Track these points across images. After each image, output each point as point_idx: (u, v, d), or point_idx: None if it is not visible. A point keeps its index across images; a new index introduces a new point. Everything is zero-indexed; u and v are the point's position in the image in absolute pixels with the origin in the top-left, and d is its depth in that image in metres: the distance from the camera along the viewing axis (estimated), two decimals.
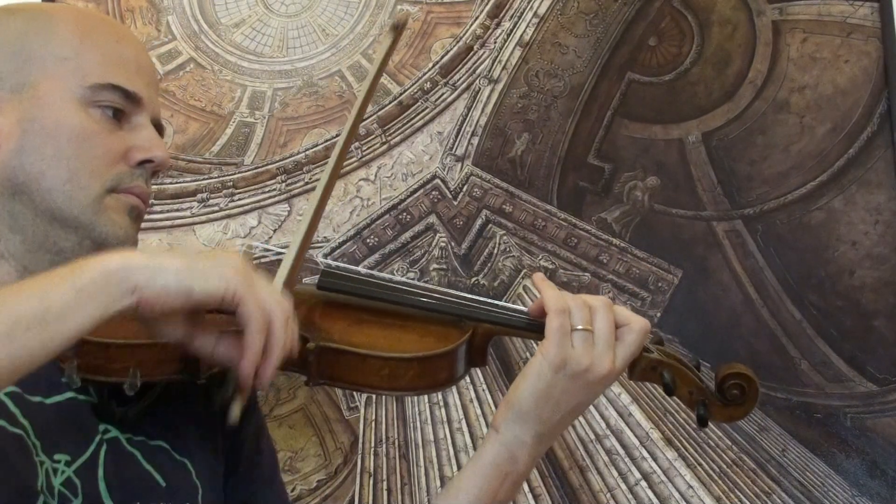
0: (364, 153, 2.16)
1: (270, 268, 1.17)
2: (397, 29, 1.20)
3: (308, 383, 1.09)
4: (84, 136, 1.06)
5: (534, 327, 1.14)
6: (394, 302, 1.15)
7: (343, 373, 1.08)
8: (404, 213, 2.12)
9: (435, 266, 2.09)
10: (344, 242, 2.11)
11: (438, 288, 1.21)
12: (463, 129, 2.14)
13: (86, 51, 1.08)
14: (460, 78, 2.17)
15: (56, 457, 0.98)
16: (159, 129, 1.13)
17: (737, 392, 1.13)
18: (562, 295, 1.12)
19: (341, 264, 1.21)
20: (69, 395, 1.03)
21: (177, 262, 0.87)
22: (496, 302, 1.17)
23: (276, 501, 1.22)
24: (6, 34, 1.09)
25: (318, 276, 1.16)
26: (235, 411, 0.94)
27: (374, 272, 1.23)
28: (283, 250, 1.11)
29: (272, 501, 1.20)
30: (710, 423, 1.15)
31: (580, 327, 1.10)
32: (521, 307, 1.17)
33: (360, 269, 1.22)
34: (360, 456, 2.01)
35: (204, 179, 2.17)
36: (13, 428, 0.96)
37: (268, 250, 1.28)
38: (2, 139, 1.05)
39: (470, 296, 1.18)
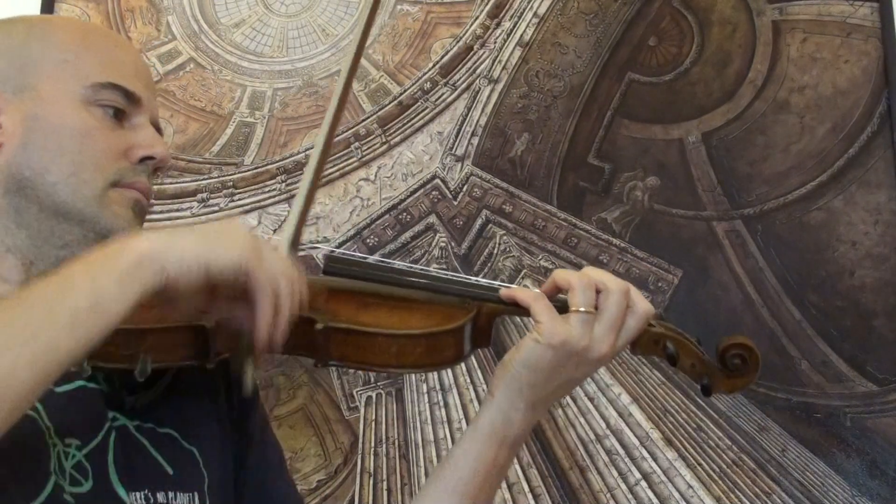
0: (364, 153, 2.16)
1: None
2: None
3: (316, 364, 1.10)
4: (87, 133, 1.09)
5: None
6: (398, 284, 1.16)
7: (352, 352, 1.09)
8: (404, 213, 2.12)
9: (435, 266, 2.09)
10: (344, 242, 2.11)
11: (441, 271, 1.23)
12: (463, 129, 2.14)
13: (85, 53, 1.12)
14: (460, 78, 2.17)
15: (67, 441, 1.00)
16: (157, 130, 1.16)
17: (738, 361, 1.14)
18: (567, 273, 1.13)
19: (344, 251, 1.23)
20: (79, 383, 1.04)
21: (193, 240, 0.92)
22: (498, 283, 1.18)
23: (287, 490, 1.23)
24: (7, 40, 1.13)
25: (322, 262, 1.18)
26: (249, 375, 0.99)
27: (377, 258, 1.25)
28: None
29: (283, 490, 1.22)
30: (713, 394, 1.16)
31: (582, 310, 1.10)
32: (526, 287, 1.18)
33: (363, 255, 1.24)
34: (360, 456, 2.01)
35: (204, 179, 2.17)
36: (29, 411, 0.98)
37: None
38: (6, 137, 1.08)
39: (472, 277, 1.21)
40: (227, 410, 1.18)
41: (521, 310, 1.15)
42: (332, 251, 1.23)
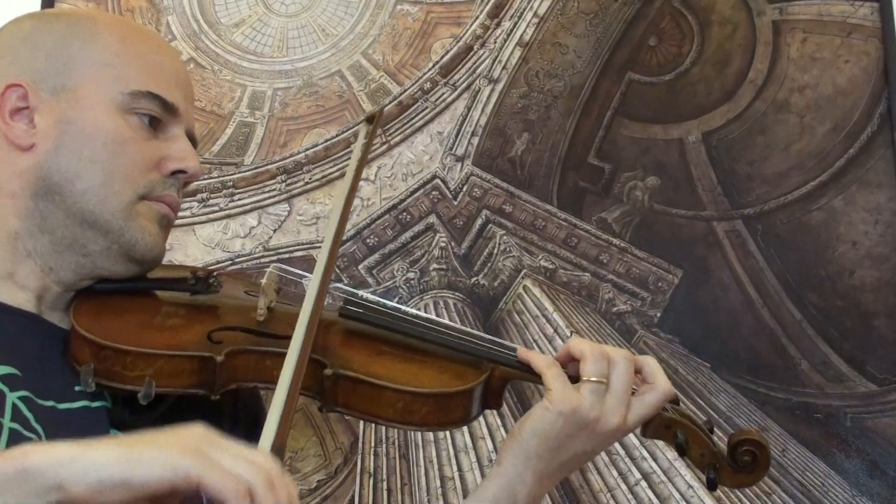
0: None
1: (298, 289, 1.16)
2: (372, 121, 1.20)
3: (321, 409, 1.08)
4: (120, 142, 1.07)
5: None
6: (415, 336, 1.14)
7: (357, 402, 1.07)
8: (404, 213, 2.12)
9: (435, 266, 2.09)
10: (344, 242, 2.10)
11: (459, 326, 1.21)
12: (463, 129, 2.14)
13: (127, 58, 1.10)
14: (460, 78, 2.17)
15: None
16: (192, 141, 1.15)
17: (748, 458, 1.12)
18: (582, 343, 1.12)
19: (363, 293, 1.21)
20: (82, 403, 1.03)
21: (111, 452, 0.78)
22: (516, 346, 1.16)
23: None
24: (49, 36, 1.11)
25: (340, 303, 1.15)
26: None
27: (395, 304, 1.22)
28: (307, 275, 1.09)
29: None
30: (718, 487, 1.14)
31: (593, 379, 1.09)
32: (543, 354, 1.16)
33: (381, 300, 1.21)
34: (360, 456, 2.01)
35: (204, 179, 2.17)
36: (27, 432, 0.97)
37: (297, 274, 1.26)
38: (39, 138, 1.07)
39: (491, 337, 1.18)
40: (231, 436, 1.17)
41: (534, 376, 1.13)
42: (352, 292, 1.19)
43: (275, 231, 2.13)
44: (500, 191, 2.11)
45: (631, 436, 1.95)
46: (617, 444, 1.95)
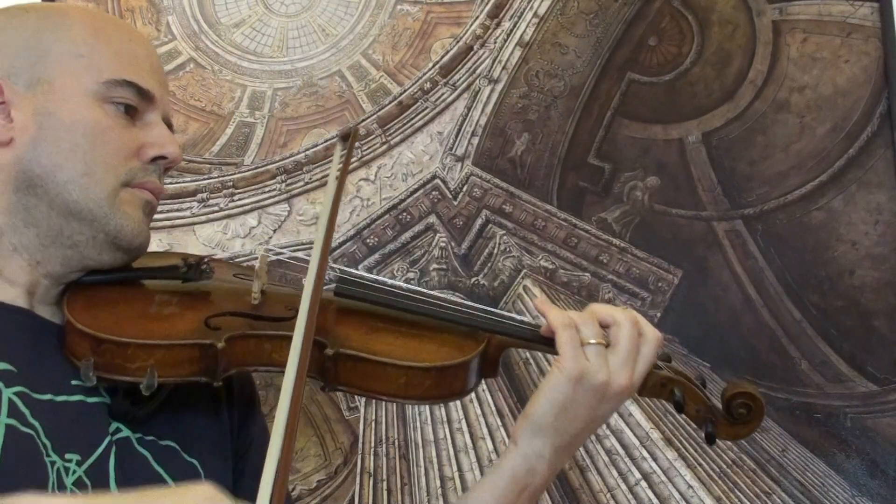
0: (364, 153, 2.16)
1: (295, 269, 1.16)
2: (347, 139, 1.20)
3: (324, 389, 1.08)
4: (99, 131, 1.07)
5: (546, 341, 1.15)
6: (410, 311, 1.15)
7: (360, 380, 1.07)
8: (404, 213, 2.12)
9: (435, 266, 2.09)
10: (344, 242, 2.11)
11: (452, 299, 1.21)
12: (463, 129, 2.14)
13: (100, 48, 1.10)
14: (460, 78, 2.17)
15: (67, 456, 0.99)
16: (169, 127, 1.15)
17: (743, 411, 1.15)
18: (566, 312, 1.13)
19: (356, 271, 1.21)
20: (79, 397, 1.03)
21: None
22: (509, 314, 1.17)
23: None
24: (20, 31, 1.10)
25: (334, 282, 1.15)
26: None
27: (388, 280, 1.22)
28: (304, 255, 1.09)
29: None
30: (717, 441, 1.16)
31: (592, 341, 1.11)
32: (533, 322, 1.18)
33: (375, 276, 1.21)
34: (360, 456, 2.01)
35: (204, 179, 2.17)
36: (24, 428, 0.97)
37: (283, 253, 1.27)
38: (17, 132, 1.06)
39: (483, 307, 1.19)
40: (229, 419, 1.17)
41: (527, 342, 1.16)
42: (346, 270, 1.19)
43: (275, 231, 2.13)
44: (500, 191, 2.11)
45: (631, 435, 1.95)
46: (617, 444, 1.95)
